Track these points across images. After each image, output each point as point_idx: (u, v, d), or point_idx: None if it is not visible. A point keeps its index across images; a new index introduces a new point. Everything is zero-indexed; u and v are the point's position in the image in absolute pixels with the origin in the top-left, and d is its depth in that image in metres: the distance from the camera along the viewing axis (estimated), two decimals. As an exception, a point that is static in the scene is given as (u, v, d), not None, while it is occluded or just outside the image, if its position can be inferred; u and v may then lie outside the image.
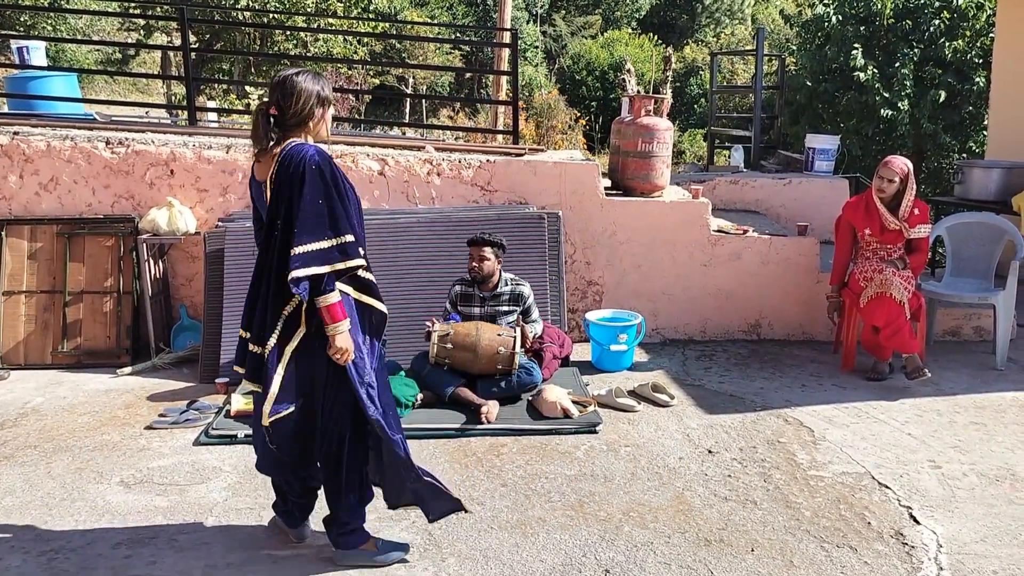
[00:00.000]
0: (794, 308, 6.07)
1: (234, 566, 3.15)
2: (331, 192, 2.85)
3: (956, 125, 12.90)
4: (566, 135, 18.48)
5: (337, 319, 2.87)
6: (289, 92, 2.91)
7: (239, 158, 5.82)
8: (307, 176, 2.81)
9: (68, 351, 5.55)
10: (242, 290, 5.27)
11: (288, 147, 2.89)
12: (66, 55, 22.18)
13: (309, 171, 2.82)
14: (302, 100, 2.92)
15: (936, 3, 12.67)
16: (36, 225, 5.69)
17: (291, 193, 2.83)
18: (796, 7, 16.76)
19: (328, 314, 2.86)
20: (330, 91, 3.02)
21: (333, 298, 2.87)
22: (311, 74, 2.99)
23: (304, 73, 2.97)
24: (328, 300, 2.86)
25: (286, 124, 2.94)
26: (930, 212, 5.49)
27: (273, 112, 2.93)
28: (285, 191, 2.85)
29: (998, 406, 4.84)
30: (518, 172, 5.96)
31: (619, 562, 3.17)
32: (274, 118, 2.94)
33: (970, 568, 3.16)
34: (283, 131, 2.94)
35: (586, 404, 4.65)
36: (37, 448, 4.22)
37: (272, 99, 2.93)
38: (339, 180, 2.89)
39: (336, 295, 2.88)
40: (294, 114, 2.92)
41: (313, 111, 2.96)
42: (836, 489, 3.79)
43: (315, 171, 2.83)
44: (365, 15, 18.68)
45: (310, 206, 2.82)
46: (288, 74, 2.95)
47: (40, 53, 7.83)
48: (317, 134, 3.03)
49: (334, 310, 2.86)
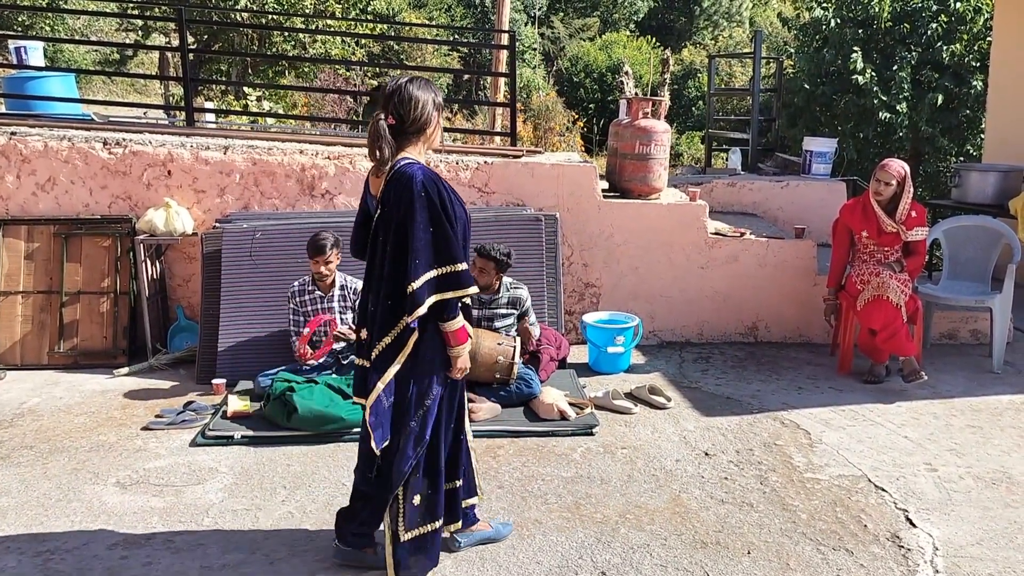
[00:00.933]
0: (791, 311, 6.07)
1: (230, 567, 3.14)
2: (440, 218, 2.82)
3: (953, 128, 12.92)
4: (564, 137, 18.47)
5: (462, 342, 2.94)
6: (407, 101, 2.88)
7: (236, 159, 5.82)
8: (417, 203, 2.80)
9: (65, 352, 5.54)
10: (239, 291, 5.31)
11: (398, 166, 2.87)
12: (64, 55, 22.16)
13: (418, 198, 2.80)
14: (419, 107, 2.90)
15: (934, 6, 12.68)
16: (33, 225, 5.68)
17: (401, 219, 2.82)
18: (794, 10, 16.78)
19: (453, 337, 2.92)
20: (441, 97, 3.01)
21: (458, 324, 2.91)
22: (423, 81, 2.95)
23: (417, 80, 2.94)
24: (453, 326, 2.91)
25: (405, 133, 2.91)
26: (927, 215, 5.50)
27: (391, 122, 2.89)
28: (394, 214, 2.85)
29: (994, 409, 4.85)
30: (516, 174, 5.96)
31: (615, 564, 3.17)
32: (391, 128, 2.89)
33: (966, 571, 3.16)
34: (400, 141, 2.91)
35: (583, 406, 4.65)
36: (33, 449, 4.21)
37: (388, 110, 2.89)
38: (446, 202, 2.85)
39: (460, 320, 2.92)
40: (413, 122, 2.90)
41: (431, 118, 2.94)
42: (832, 492, 3.79)
43: (424, 198, 2.80)
44: (363, 16, 18.68)
45: (422, 236, 2.80)
46: (402, 83, 2.91)
47: (38, 53, 7.81)
48: (432, 142, 3.01)
49: (459, 334, 2.93)
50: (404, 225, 2.81)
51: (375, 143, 2.87)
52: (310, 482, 3.84)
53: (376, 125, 2.87)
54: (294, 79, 17.40)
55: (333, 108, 20.49)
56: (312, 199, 5.87)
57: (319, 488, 3.78)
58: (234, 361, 5.15)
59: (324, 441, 4.26)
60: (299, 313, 4.95)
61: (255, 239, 5.38)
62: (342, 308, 4.98)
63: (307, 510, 3.58)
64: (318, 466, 4.00)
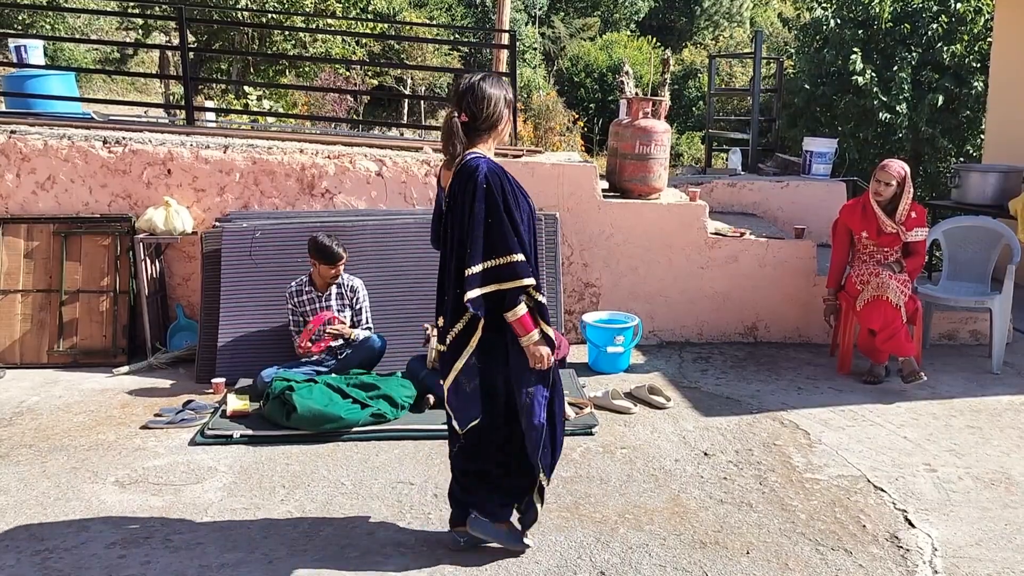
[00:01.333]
0: (791, 311, 6.07)
1: (229, 566, 3.14)
2: (498, 210, 2.90)
3: (954, 129, 12.92)
4: (564, 137, 18.48)
5: (529, 330, 2.96)
6: (481, 98, 2.96)
7: (236, 158, 5.81)
8: (477, 194, 2.89)
9: (64, 350, 5.54)
10: (239, 290, 5.31)
11: (465, 160, 2.95)
12: (64, 54, 22.14)
13: (480, 189, 2.89)
14: (492, 104, 2.99)
15: (934, 7, 12.68)
16: (33, 224, 5.68)
17: (463, 210, 2.92)
18: (794, 10, 16.77)
19: (520, 326, 2.95)
20: (512, 94, 3.07)
21: (520, 311, 2.95)
22: (496, 78, 3.04)
23: (489, 78, 3.02)
24: (516, 314, 2.94)
25: (477, 129, 3.00)
26: (927, 215, 5.50)
27: (464, 119, 2.97)
28: (458, 206, 2.95)
29: (994, 410, 4.85)
30: (516, 174, 5.87)
31: (614, 564, 3.17)
32: (464, 125, 2.97)
33: (964, 572, 3.16)
34: (471, 137, 3.00)
35: (582, 406, 4.65)
36: (32, 447, 4.21)
37: (461, 107, 2.97)
38: (508, 195, 2.93)
39: (523, 308, 2.95)
40: (486, 119, 2.99)
41: (502, 115, 3.04)
42: (831, 492, 3.79)
43: (485, 189, 2.89)
44: (364, 16, 18.68)
45: (479, 225, 2.89)
46: (475, 81, 2.99)
47: (38, 52, 7.82)
48: (502, 138, 3.11)
49: (523, 322, 2.95)
50: (467, 215, 2.91)
51: (448, 139, 2.97)
52: (309, 481, 3.84)
53: (450, 122, 2.96)
54: (294, 78, 17.40)
55: (333, 107, 20.49)
56: (312, 198, 5.87)
57: (318, 487, 3.78)
58: (233, 360, 5.14)
59: (323, 440, 4.26)
60: (297, 313, 4.96)
61: (255, 238, 5.38)
62: (339, 306, 4.98)
63: (306, 509, 3.58)
64: (317, 465, 4.00)
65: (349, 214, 5.75)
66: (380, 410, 4.41)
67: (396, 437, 4.33)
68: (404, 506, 3.61)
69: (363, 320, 5.03)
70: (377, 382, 4.59)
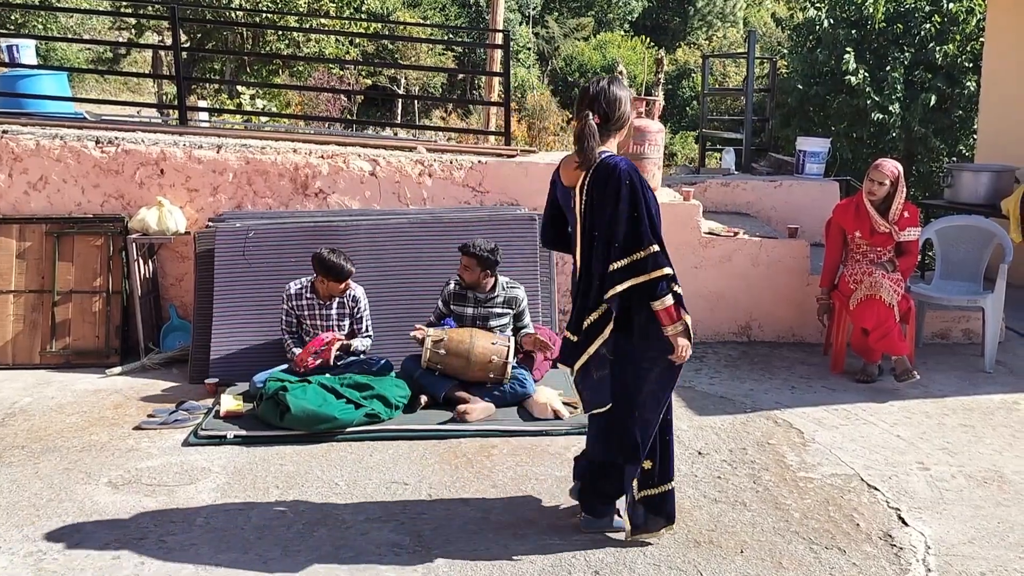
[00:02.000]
0: (784, 310, 6.08)
1: (223, 567, 3.13)
2: (640, 205, 3.03)
3: (946, 129, 12.97)
4: (558, 136, 18.51)
5: (675, 319, 3.07)
6: (613, 100, 3.12)
7: (229, 158, 5.80)
8: (622, 191, 3.02)
9: (57, 351, 5.52)
10: (232, 290, 5.29)
11: (603, 159, 3.08)
12: (56, 54, 22.09)
13: (624, 186, 3.02)
14: (622, 105, 3.15)
15: (927, 7, 12.73)
16: (25, 224, 5.66)
17: (606, 206, 3.04)
18: (788, 10, 16.82)
19: (666, 315, 3.06)
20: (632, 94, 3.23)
21: (668, 300, 3.05)
22: (619, 80, 3.19)
23: (614, 81, 3.17)
24: (664, 303, 3.05)
25: (608, 130, 3.15)
26: (920, 215, 5.51)
27: (597, 121, 3.10)
28: (600, 203, 3.06)
29: (986, 408, 4.86)
30: (510, 173, 5.96)
31: (609, 563, 3.17)
32: (597, 126, 3.10)
33: (958, 570, 3.17)
34: (602, 137, 3.13)
35: (576, 405, 4.64)
36: (25, 448, 4.20)
37: (594, 109, 3.10)
38: (647, 191, 3.07)
39: (670, 298, 3.06)
40: (617, 119, 3.15)
41: (628, 115, 3.20)
42: (825, 491, 3.80)
43: (628, 186, 3.03)
44: (357, 15, 18.67)
45: (624, 221, 3.02)
46: (604, 84, 3.14)
47: (30, 52, 7.79)
48: (625, 135, 3.26)
49: (670, 311, 3.06)
50: (609, 212, 3.03)
51: (585, 141, 3.08)
52: (303, 482, 3.83)
53: (586, 123, 3.08)
54: (288, 78, 17.38)
55: (327, 107, 20.47)
56: (305, 198, 5.86)
57: (312, 488, 3.77)
58: (227, 360, 5.13)
59: (317, 441, 4.25)
60: (292, 315, 4.93)
61: (248, 238, 5.37)
62: (340, 315, 4.95)
63: (300, 510, 3.57)
64: (311, 466, 4.00)
65: (343, 214, 5.74)
66: (374, 410, 4.40)
67: (390, 437, 4.32)
68: (398, 506, 3.61)
69: (363, 329, 5.00)
70: (371, 382, 4.58)
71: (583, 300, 3.15)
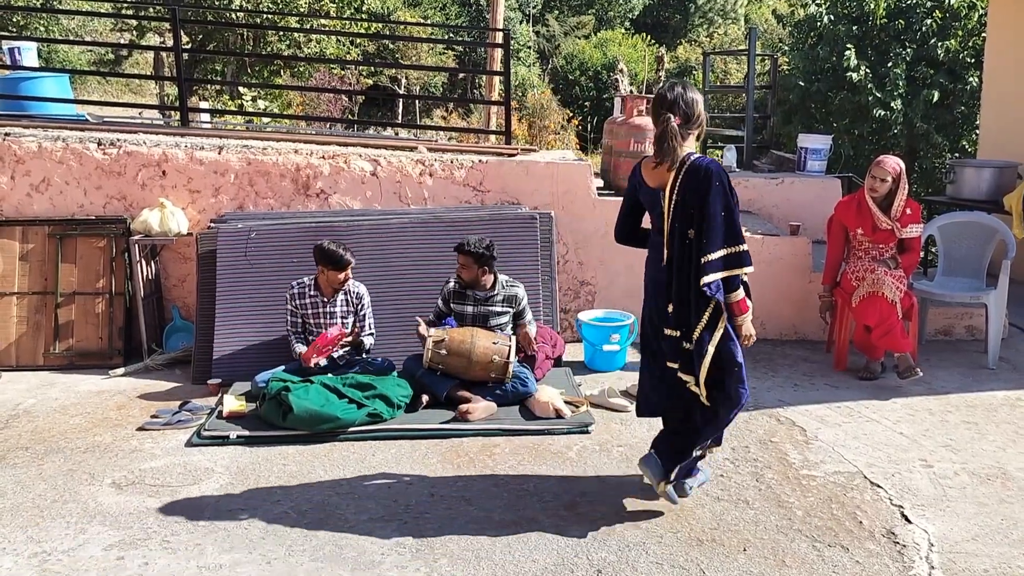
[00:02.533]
0: (786, 308, 6.08)
1: (226, 567, 3.14)
2: (730, 204, 3.23)
3: (948, 125, 12.93)
4: (559, 135, 18.47)
5: (745, 310, 3.36)
6: (691, 102, 3.29)
7: (231, 159, 5.81)
8: (712, 191, 3.19)
9: (60, 352, 5.53)
10: (234, 291, 5.30)
11: (693, 160, 3.24)
12: (58, 56, 22.11)
13: (714, 186, 3.19)
14: (699, 106, 3.32)
15: (928, 3, 12.70)
16: (28, 226, 5.67)
17: (698, 204, 3.21)
18: (789, 7, 16.77)
19: (737, 307, 3.33)
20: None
21: (740, 295, 3.32)
22: (692, 84, 3.38)
23: (688, 84, 3.35)
24: (736, 296, 3.31)
25: (688, 131, 3.30)
26: (922, 211, 5.50)
27: (678, 122, 3.24)
28: (692, 201, 3.23)
29: (989, 405, 4.86)
30: (510, 172, 5.96)
31: (611, 562, 3.17)
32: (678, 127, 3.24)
33: (961, 567, 3.17)
34: (684, 138, 3.27)
35: (578, 404, 4.65)
36: (28, 450, 4.21)
37: (673, 111, 3.25)
38: (732, 191, 3.25)
39: (742, 292, 3.32)
40: (696, 118, 3.32)
41: (703, 115, 3.36)
42: (828, 488, 3.80)
43: (718, 186, 3.20)
44: (358, 16, 18.67)
45: (715, 218, 3.20)
46: (680, 88, 3.30)
47: (32, 54, 7.79)
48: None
49: (742, 304, 3.34)
50: (704, 211, 3.20)
51: (669, 142, 3.23)
52: (306, 481, 3.84)
53: (668, 125, 3.22)
54: (289, 79, 17.39)
55: (328, 107, 20.48)
56: (307, 199, 5.87)
57: (315, 487, 3.78)
58: (230, 361, 5.14)
59: (320, 440, 4.26)
60: (296, 315, 4.94)
61: (250, 239, 5.38)
62: (344, 312, 4.96)
63: (303, 509, 3.58)
64: (314, 465, 4.00)
65: (344, 214, 5.75)
66: (376, 410, 4.41)
67: (392, 437, 4.33)
68: (401, 506, 3.61)
69: (366, 327, 5.02)
70: (373, 382, 4.58)
71: (689, 299, 3.28)
